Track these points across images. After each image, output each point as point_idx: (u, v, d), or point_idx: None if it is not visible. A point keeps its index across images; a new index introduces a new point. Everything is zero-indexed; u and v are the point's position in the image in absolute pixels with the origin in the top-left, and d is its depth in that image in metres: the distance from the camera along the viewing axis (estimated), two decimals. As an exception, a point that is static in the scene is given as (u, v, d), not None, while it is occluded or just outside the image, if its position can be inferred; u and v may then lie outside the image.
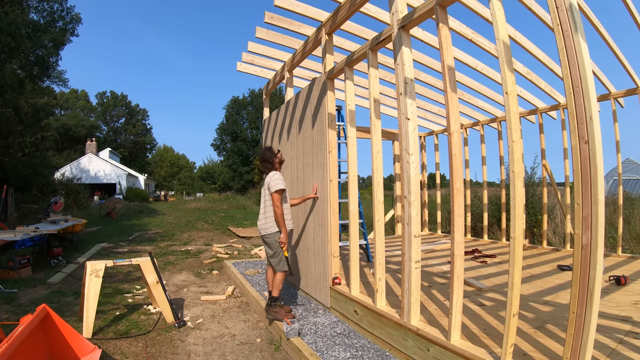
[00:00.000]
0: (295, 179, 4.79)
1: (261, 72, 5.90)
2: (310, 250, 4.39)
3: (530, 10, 3.52)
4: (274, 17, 4.30)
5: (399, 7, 2.90)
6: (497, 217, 8.59)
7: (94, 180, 32.83)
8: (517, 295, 2.11)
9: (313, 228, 4.33)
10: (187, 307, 4.51)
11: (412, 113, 2.78)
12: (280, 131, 5.42)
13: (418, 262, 2.76)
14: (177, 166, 63.25)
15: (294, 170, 4.83)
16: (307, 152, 4.42)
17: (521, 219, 2.14)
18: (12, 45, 11.93)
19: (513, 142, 2.13)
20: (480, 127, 7.73)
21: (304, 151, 4.49)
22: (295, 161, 4.78)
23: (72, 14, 15.44)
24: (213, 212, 19.61)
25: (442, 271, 4.82)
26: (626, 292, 3.71)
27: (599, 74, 5.09)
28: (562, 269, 4.79)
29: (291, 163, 4.93)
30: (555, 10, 1.93)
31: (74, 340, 2.68)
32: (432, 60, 5.12)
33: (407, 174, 2.78)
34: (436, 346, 2.52)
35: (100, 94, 52.37)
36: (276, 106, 6.32)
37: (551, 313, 3.13)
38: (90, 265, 3.61)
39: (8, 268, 5.64)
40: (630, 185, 16.82)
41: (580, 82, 1.84)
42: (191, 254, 8.05)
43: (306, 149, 4.44)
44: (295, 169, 4.80)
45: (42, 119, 19.32)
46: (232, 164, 45.73)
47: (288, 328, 3.19)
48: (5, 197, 11.25)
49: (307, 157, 4.41)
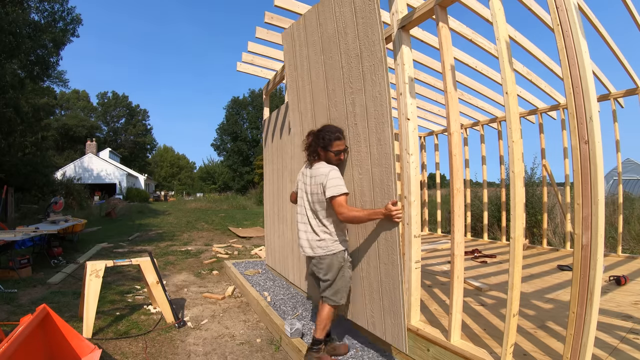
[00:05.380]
0: (295, 178, 4.78)
1: (261, 72, 5.90)
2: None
3: (530, 10, 3.52)
4: (274, 17, 4.30)
5: (399, 7, 2.90)
6: (497, 217, 8.59)
7: (94, 180, 32.86)
8: (517, 295, 2.11)
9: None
10: (187, 307, 4.51)
11: (412, 113, 2.78)
12: (281, 131, 5.42)
13: (418, 262, 2.76)
14: (177, 166, 63.31)
15: (294, 170, 4.82)
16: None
17: (521, 219, 2.14)
18: (13, 44, 11.94)
19: (513, 142, 2.13)
20: (480, 127, 7.73)
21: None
22: (296, 160, 4.77)
23: (72, 14, 15.47)
24: (213, 212, 19.61)
25: (442, 270, 4.82)
26: (626, 292, 3.71)
27: (599, 74, 5.09)
28: (562, 269, 4.79)
29: (291, 163, 4.93)
30: (555, 10, 1.93)
31: (74, 340, 2.68)
32: (432, 60, 5.12)
33: (407, 174, 2.77)
34: (436, 346, 2.52)
35: (102, 94, 52.50)
36: (276, 106, 6.31)
37: (551, 312, 3.13)
38: (90, 265, 3.61)
39: (8, 268, 5.64)
40: (630, 185, 16.81)
41: (580, 82, 1.84)
42: (191, 254, 8.05)
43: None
44: (295, 169, 4.80)
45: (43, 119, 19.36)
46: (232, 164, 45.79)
47: (292, 329, 3.19)
48: (5, 197, 11.25)
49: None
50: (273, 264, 5.78)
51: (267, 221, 6.19)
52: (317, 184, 2.62)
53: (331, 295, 2.67)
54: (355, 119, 2.76)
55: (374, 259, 2.69)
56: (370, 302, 2.78)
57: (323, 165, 2.67)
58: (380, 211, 2.44)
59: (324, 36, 3.04)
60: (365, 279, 2.80)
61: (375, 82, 2.56)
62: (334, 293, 2.67)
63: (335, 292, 2.67)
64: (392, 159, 2.48)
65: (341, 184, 2.56)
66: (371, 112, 2.62)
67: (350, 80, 2.77)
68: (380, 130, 2.55)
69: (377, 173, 2.60)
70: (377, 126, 2.58)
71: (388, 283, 2.58)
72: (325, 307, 2.69)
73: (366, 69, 2.62)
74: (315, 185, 2.64)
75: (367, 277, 2.78)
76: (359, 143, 2.75)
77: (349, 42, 2.76)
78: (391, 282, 2.55)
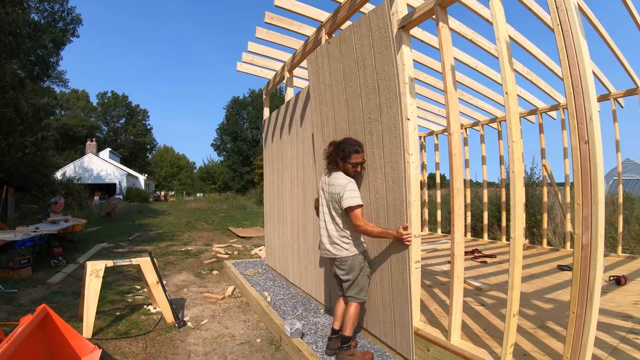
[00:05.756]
0: (295, 178, 4.79)
1: (261, 72, 5.90)
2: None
3: (530, 10, 3.52)
4: (274, 17, 4.30)
5: (399, 7, 2.90)
6: (497, 217, 8.59)
7: (94, 180, 32.87)
8: (517, 295, 2.11)
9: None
10: (187, 307, 4.51)
11: (412, 113, 2.78)
12: (281, 131, 5.42)
13: (418, 262, 2.76)
14: (177, 166, 63.28)
15: (294, 170, 4.83)
16: (307, 152, 4.42)
17: (521, 219, 2.14)
18: (13, 45, 11.95)
19: (513, 142, 2.13)
20: (480, 127, 7.73)
21: (304, 151, 4.49)
22: (295, 161, 4.78)
23: (72, 14, 15.47)
24: (213, 212, 19.61)
25: (442, 270, 4.82)
26: (626, 292, 3.71)
27: (599, 74, 5.09)
28: (562, 269, 4.79)
29: (291, 163, 4.93)
30: (555, 10, 1.93)
31: (74, 340, 2.68)
32: (432, 60, 5.12)
33: (407, 174, 2.78)
34: (436, 346, 2.52)
35: (101, 94, 52.47)
36: (276, 106, 6.32)
37: (551, 312, 3.13)
38: (90, 265, 3.61)
39: (8, 268, 5.64)
40: (630, 185, 16.80)
41: (580, 82, 1.84)
42: (191, 254, 8.05)
43: (306, 149, 4.44)
44: (295, 169, 4.80)
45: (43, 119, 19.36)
46: (232, 164, 45.79)
47: (292, 329, 3.19)
48: (5, 197, 11.25)
49: (307, 157, 4.41)
50: (273, 264, 5.78)
51: (267, 221, 6.19)
52: (334, 193, 2.79)
53: (356, 294, 2.84)
54: (373, 148, 2.92)
55: (386, 277, 2.90)
56: (383, 314, 2.98)
57: (341, 176, 2.82)
58: (392, 233, 2.64)
59: (345, 66, 3.20)
60: (379, 293, 3.01)
61: (391, 115, 2.70)
62: (358, 291, 2.84)
63: (359, 290, 2.85)
64: (404, 186, 2.64)
65: (357, 196, 2.71)
66: (386, 143, 2.77)
67: (368, 111, 2.94)
68: (395, 160, 2.71)
69: (391, 199, 2.78)
70: (391, 156, 2.74)
71: (398, 298, 2.78)
72: (352, 305, 2.84)
73: (382, 102, 2.77)
74: (333, 195, 2.81)
75: (381, 292, 2.98)
76: (376, 170, 2.92)
77: (367, 75, 2.92)
78: (402, 298, 2.75)
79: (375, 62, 2.83)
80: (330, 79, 3.46)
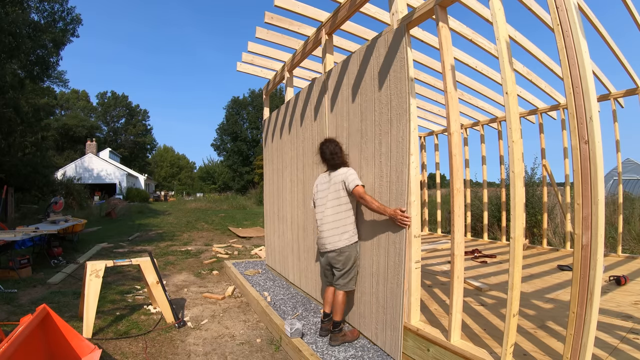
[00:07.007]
0: (295, 178, 4.79)
1: (261, 72, 5.90)
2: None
3: (530, 10, 3.52)
4: (274, 17, 4.30)
5: (399, 7, 2.90)
6: (497, 217, 8.60)
7: (94, 180, 32.86)
8: (517, 295, 2.11)
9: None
10: (187, 307, 4.52)
11: (412, 113, 2.78)
12: (281, 131, 5.42)
13: (418, 262, 2.76)
14: (177, 166, 63.30)
15: (294, 171, 4.83)
16: (307, 152, 4.42)
17: (521, 219, 2.14)
18: (12, 45, 11.94)
19: (513, 142, 2.13)
20: (480, 127, 7.73)
21: (304, 151, 4.50)
22: (296, 161, 4.78)
23: (72, 14, 15.46)
24: (213, 212, 19.60)
25: (442, 270, 4.82)
26: (626, 292, 3.71)
27: (599, 74, 5.09)
28: (562, 269, 4.79)
29: (291, 163, 4.93)
30: (555, 10, 1.92)
31: (74, 340, 2.68)
32: (432, 60, 5.12)
33: (407, 174, 2.78)
34: (436, 346, 2.52)
35: (101, 94, 52.46)
36: (276, 106, 6.32)
37: (551, 312, 3.13)
38: (90, 265, 3.61)
39: (8, 268, 5.64)
40: (630, 185, 16.80)
41: (580, 82, 1.84)
42: (191, 254, 8.05)
43: (306, 149, 4.44)
44: (295, 169, 4.81)
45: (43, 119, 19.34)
46: (232, 164, 45.77)
47: (292, 329, 3.19)
48: (5, 197, 11.26)
49: (307, 157, 4.41)
50: (273, 264, 5.78)
51: (267, 221, 6.19)
52: (339, 181, 3.17)
53: (346, 284, 3.17)
54: (381, 158, 3.11)
55: (382, 278, 3.03)
56: (376, 316, 3.10)
57: (342, 168, 3.24)
58: (390, 211, 2.84)
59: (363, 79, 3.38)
60: (374, 295, 3.14)
61: (400, 128, 2.87)
62: (348, 282, 3.17)
63: (348, 280, 3.18)
64: (406, 195, 2.79)
65: (358, 178, 3.13)
66: (394, 153, 2.94)
67: (380, 124, 3.12)
68: (400, 170, 2.87)
69: (395, 206, 2.93)
70: (397, 166, 2.91)
71: (392, 300, 2.91)
72: (340, 293, 3.16)
73: (393, 116, 2.95)
74: (337, 184, 3.18)
75: (376, 294, 3.11)
76: (382, 177, 3.10)
77: (382, 90, 3.10)
78: (394, 300, 2.87)
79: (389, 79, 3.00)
80: (349, 91, 3.63)
